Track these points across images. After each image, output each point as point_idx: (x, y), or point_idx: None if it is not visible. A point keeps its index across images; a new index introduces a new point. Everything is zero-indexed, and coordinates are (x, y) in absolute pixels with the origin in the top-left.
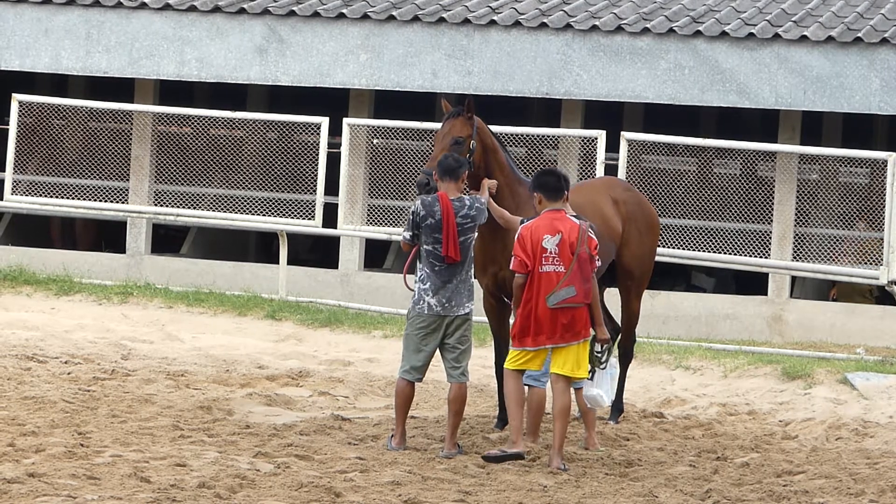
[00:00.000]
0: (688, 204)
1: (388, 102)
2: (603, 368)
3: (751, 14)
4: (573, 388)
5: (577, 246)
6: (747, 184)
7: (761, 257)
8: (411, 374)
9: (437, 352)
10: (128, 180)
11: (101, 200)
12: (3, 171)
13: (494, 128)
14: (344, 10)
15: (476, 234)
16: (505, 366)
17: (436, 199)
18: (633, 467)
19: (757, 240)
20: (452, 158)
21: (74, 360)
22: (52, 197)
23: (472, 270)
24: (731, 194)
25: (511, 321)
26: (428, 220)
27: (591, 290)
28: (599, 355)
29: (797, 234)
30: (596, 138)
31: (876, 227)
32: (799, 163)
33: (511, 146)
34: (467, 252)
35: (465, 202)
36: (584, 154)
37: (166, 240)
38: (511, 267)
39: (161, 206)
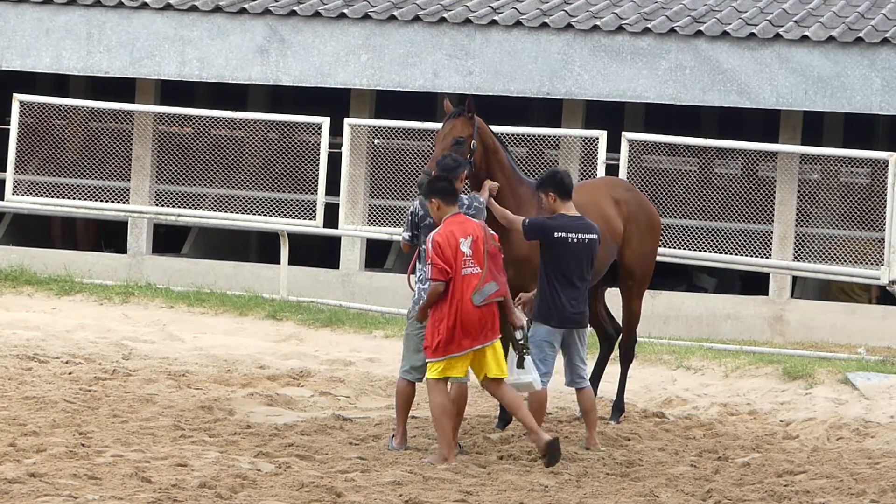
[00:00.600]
0: (689, 204)
1: (390, 102)
2: (529, 354)
3: (752, 14)
4: (575, 389)
5: (485, 242)
6: (748, 184)
7: (762, 257)
8: (411, 374)
9: None
10: (129, 180)
11: (102, 200)
12: (5, 171)
13: (495, 128)
14: (345, 10)
15: None
16: (427, 377)
17: None
18: (635, 467)
19: (758, 240)
20: (450, 158)
21: (75, 360)
22: (53, 197)
23: None
24: (733, 194)
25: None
26: (427, 220)
27: (506, 282)
28: (521, 341)
29: (798, 235)
30: (597, 138)
31: (875, 226)
32: (800, 163)
33: (512, 146)
34: None
35: (462, 201)
36: (586, 154)
37: (166, 237)
38: (430, 276)
39: (162, 206)
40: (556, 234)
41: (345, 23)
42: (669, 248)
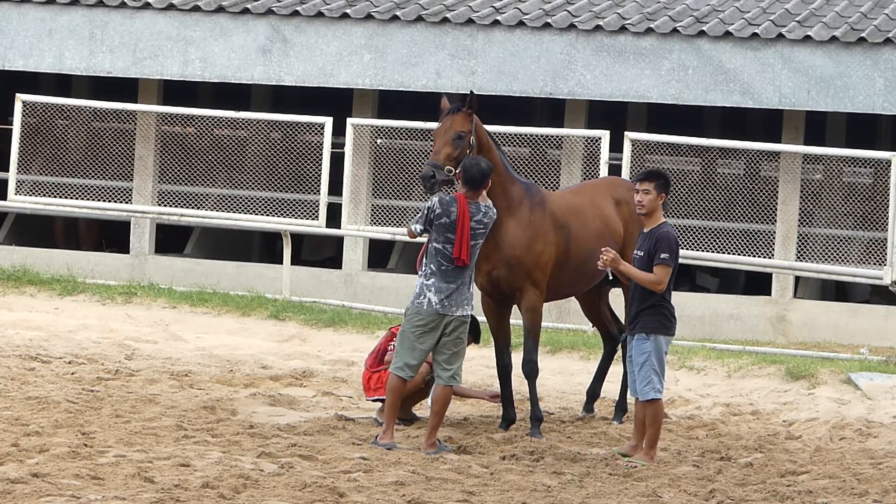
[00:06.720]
0: (691, 204)
1: (392, 102)
2: None
3: (754, 14)
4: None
5: None
6: (751, 184)
7: (765, 257)
8: (405, 370)
9: None
10: (131, 180)
11: (104, 200)
12: (7, 171)
13: (498, 128)
14: (347, 10)
15: (482, 240)
16: None
17: (454, 199)
18: (637, 467)
19: (761, 240)
20: (477, 169)
21: (78, 361)
22: (55, 197)
23: (474, 275)
24: (735, 194)
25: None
26: (442, 220)
27: None
28: None
29: (801, 235)
30: (599, 138)
31: (878, 226)
32: (802, 163)
33: (515, 146)
34: (474, 257)
35: (480, 208)
36: (588, 154)
37: (169, 233)
38: None
39: (165, 206)
40: (677, 244)
41: (347, 23)
42: None
